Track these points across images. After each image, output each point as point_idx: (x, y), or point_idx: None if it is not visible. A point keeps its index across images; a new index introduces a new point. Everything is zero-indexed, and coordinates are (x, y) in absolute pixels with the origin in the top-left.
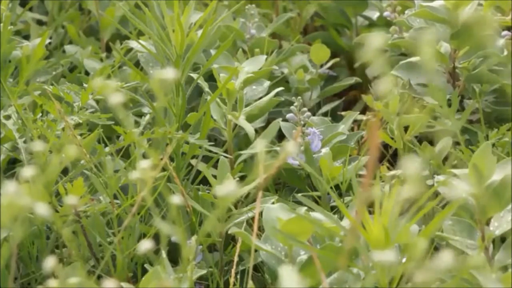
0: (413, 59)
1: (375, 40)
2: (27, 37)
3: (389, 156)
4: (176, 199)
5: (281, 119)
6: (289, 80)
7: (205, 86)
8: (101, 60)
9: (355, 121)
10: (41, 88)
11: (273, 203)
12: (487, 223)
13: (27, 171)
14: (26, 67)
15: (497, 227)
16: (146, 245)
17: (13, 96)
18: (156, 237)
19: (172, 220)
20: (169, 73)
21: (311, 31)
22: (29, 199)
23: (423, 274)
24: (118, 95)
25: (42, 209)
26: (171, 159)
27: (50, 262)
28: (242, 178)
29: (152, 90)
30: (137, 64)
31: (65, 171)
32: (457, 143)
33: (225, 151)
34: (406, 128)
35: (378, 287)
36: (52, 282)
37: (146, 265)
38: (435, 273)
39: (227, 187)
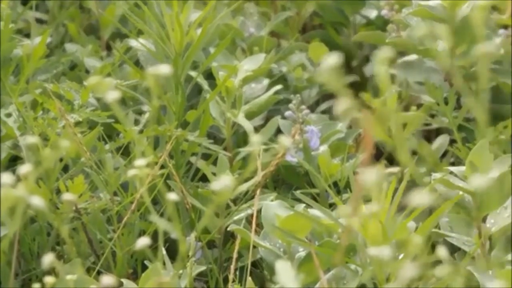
0: (410, 57)
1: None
2: (28, 36)
3: (387, 153)
4: (173, 196)
5: (279, 116)
6: (287, 78)
7: (204, 84)
8: (101, 58)
9: (353, 118)
10: (42, 86)
11: (271, 200)
12: (484, 220)
13: (25, 168)
14: (27, 65)
15: (493, 224)
16: (143, 241)
17: (14, 94)
18: (157, 234)
19: (169, 216)
20: (164, 69)
21: (309, 29)
22: (27, 192)
23: (417, 270)
24: (114, 93)
25: (38, 202)
26: (171, 156)
27: (48, 259)
28: (241, 176)
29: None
30: (137, 62)
31: (65, 169)
32: (454, 141)
33: (224, 149)
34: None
35: (375, 283)
36: (51, 279)
37: (146, 262)
38: (431, 269)
39: (223, 182)
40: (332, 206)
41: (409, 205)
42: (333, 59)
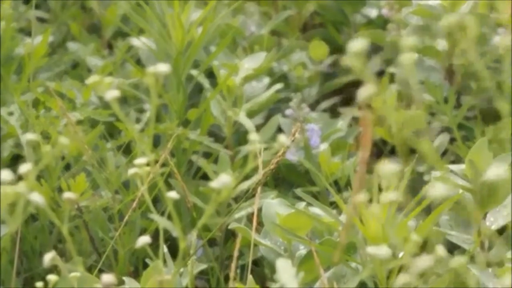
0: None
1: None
2: (30, 35)
3: (387, 152)
4: (173, 194)
5: (280, 115)
6: (288, 77)
7: (205, 83)
8: (103, 57)
9: (354, 117)
10: (44, 85)
11: (272, 198)
12: (484, 218)
13: (26, 166)
14: (29, 64)
15: (493, 222)
16: (145, 239)
17: (16, 93)
18: (158, 232)
19: (169, 214)
20: (164, 68)
21: (310, 28)
22: (28, 189)
23: (417, 268)
24: (115, 91)
25: (39, 199)
26: (172, 155)
27: (49, 257)
28: (242, 174)
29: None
30: (138, 61)
31: (67, 167)
32: (454, 139)
33: (226, 147)
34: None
35: (375, 281)
36: (52, 277)
37: (148, 260)
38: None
39: (223, 180)
40: (332, 204)
41: (410, 202)
42: (358, 44)
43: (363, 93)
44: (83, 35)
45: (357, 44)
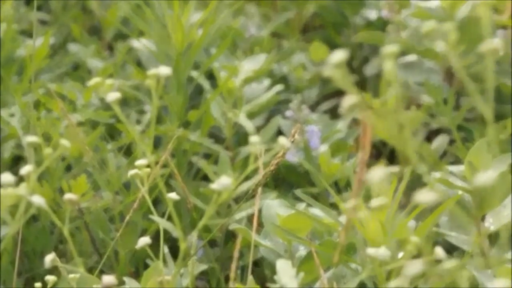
0: (410, 58)
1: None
2: (31, 36)
3: (386, 153)
4: (173, 195)
5: (280, 116)
6: (288, 78)
7: (205, 84)
8: (104, 59)
9: (353, 119)
10: (45, 86)
11: (272, 199)
12: (483, 219)
13: (27, 168)
14: (30, 65)
15: (492, 223)
16: (145, 240)
17: (17, 94)
18: (159, 233)
19: (169, 215)
20: (165, 71)
21: (310, 30)
22: (29, 191)
23: (416, 269)
24: (115, 93)
25: (40, 201)
26: (173, 156)
27: (50, 258)
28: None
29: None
30: (139, 62)
31: (68, 168)
32: (453, 141)
33: (226, 148)
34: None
35: (375, 282)
36: (53, 278)
37: (148, 261)
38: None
39: (223, 182)
40: (332, 205)
41: (410, 204)
42: (339, 56)
43: (345, 104)
44: (84, 37)
45: (337, 56)
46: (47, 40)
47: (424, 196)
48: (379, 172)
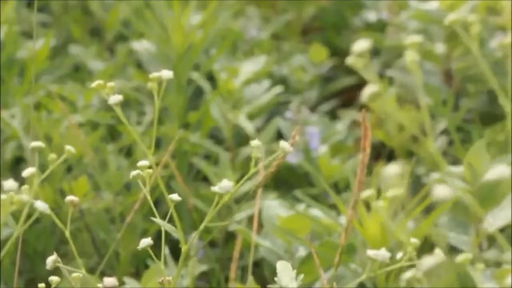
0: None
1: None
2: (32, 38)
3: (385, 154)
4: (174, 196)
5: (280, 118)
6: (288, 80)
7: (205, 86)
8: (105, 60)
9: (353, 120)
10: (46, 88)
11: (272, 200)
12: (483, 220)
13: (29, 171)
14: (31, 67)
15: (491, 223)
16: (145, 241)
17: (18, 96)
18: (160, 234)
19: (170, 216)
20: (167, 74)
21: (309, 32)
22: (31, 194)
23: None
24: (117, 96)
25: (42, 206)
26: (173, 157)
27: (51, 259)
28: (243, 177)
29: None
30: (139, 64)
31: (69, 169)
32: (452, 142)
33: (226, 149)
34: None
35: (374, 282)
36: (54, 278)
37: (149, 261)
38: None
39: (224, 185)
40: (332, 206)
41: (409, 205)
42: (362, 44)
43: (366, 93)
44: (85, 39)
45: (361, 45)
46: (48, 41)
47: (440, 191)
48: (394, 169)
